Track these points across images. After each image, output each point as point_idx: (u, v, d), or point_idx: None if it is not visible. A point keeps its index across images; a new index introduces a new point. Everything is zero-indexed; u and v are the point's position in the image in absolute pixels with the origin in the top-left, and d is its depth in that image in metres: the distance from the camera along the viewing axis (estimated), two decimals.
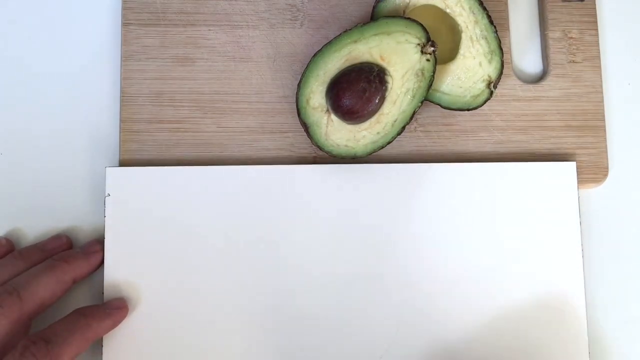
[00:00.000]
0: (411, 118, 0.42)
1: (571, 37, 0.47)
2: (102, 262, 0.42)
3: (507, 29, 0.47)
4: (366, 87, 0.40)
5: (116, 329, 0.41)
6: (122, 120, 0.44)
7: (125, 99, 0.44)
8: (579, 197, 0.45)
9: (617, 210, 0.47)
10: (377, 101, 0.41)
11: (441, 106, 0.44)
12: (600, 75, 0.47)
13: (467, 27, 0.43)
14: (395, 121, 0.42)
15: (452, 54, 0.43)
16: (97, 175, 0.45)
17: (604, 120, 0.46)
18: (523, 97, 0.46)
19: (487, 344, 0.43)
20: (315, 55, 0.42)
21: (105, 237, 0.42)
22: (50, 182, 0.44)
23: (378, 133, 0.42)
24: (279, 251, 0.43)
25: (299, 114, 0.42)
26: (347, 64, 0.41)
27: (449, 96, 0.44)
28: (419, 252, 0.43)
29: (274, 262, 0.43)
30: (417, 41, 0.41)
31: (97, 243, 0.43)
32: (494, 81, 0.43)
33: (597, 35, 0.47)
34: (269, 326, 0.42)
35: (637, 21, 0.49)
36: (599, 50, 0.47)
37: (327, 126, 0.42)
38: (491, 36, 0.43)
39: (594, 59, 0.47)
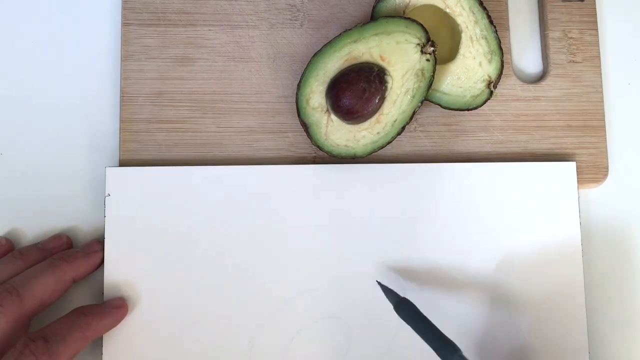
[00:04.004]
0: (411, 118, 0.42)
1: (571, 37, 0.47)
2: (102, 262, 0.42)
3: (507, 29, 0.47)
4: (366, 87, 0.40)
5: (116, 328, 0.41)
6: (122, 120, 0.44)
7: (125, 99, 0.44)
8: (579, 197, 0.45)
9: (617, 210, 0.47)
10: (377, 101, 0.41)
11: (441, 106, 0.44)
12: (600, 75, 0.47)
13: (467, 27, 0.43)
14: (395, 121, 0.42)
15: (452, 54, 0.44)
16: (97, 175, 0.45)
17: (604, 120, 0.46)
18: (523, 97, 0.46)
19: (487, 346, 0.43)
20: (315, 55, 0.42)
21: (105, 237, 0.42)
22: (50, 182, 0.44)
23: (378, 133, 0.42)
24: (279, 251, 0.43)
25: (299, 114, 0.42)
26: (347, 64, 0.41)
27: (449, 96, 0.44)
28: (419, 251, 0.43)
29: (273, 262, 0.43)
30: (417, 41, 0.41)
31: (97, 243, 0.43)
32: (494, 81, 0.43)
33: (597, 35, 0.47)
34: (270, 326, 0.42)
35: (637, 21, 0.49)
36: (599, 50, 0.47)
37: (327, 126, 0.42)
38: (491, 36, 0.43)
39: (594, 59, 0.47)
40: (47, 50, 0.46)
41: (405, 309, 0.40)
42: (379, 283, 0.42)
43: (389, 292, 0.41)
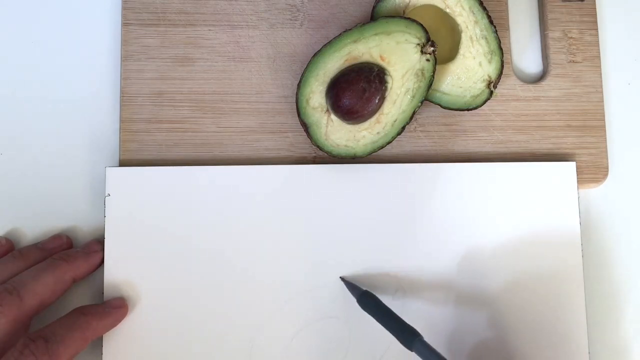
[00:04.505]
0: (411, 118, 0.42)
1: (571, 37, 0.47)
2: (102, 262, 0.42)
3: (507, 29, 0.47)
4: (366, 87, 0.40)
5: (116, 328, 0.41)
6: (122, 120, 0.44)
7: (125, 99, 0.44)
8: (579, 197, 0.45)
9: (617, 210, 0.47)
10: (376, 101, 0.41)
11: (441, 106, 0.44)
12: (600, 75, 0.47)
13: (467, 27, 0.43)
14: (395, 121, 0.42)
15: (452, 54, 0.44)
16: (97, 175, 0.45)
17: (604, 120, 0.46)
18: (523, 97, 0.46)
19: (487, 345, 0.43)
20: (315, 55, 0.42)
21: (105, 237, 0.42)
22: (50, 182, 0.44)
23: (378, 133, 0.42)
24: (279, 250, 0.43)
25: (299, 114, 0.42)
26: (347, 64, 0.41)
27: (449, 96, 0.44)
28: (420, 251, 0.43)
29: (273, 262, 0.43)
30: (417, 41, 0.41)
31: (97, 243, 0.43)
32: (494, 81, 0.43)
33: (597, 35, 0.47)
34: (270, 326, 0.42)
35: (637, 21, 0.49)
36: (599, 50, 0.47)
37: (327, 126, 0.42)
38: (491, 36, 0.43)
39: (594, 59, 0.47)
40: (47, 50, 0.46)
41: (367, 301, 0.41)
42: (342, 279, 0.42)
43: (351, 287, 0.42)
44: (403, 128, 0.42)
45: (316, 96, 0.42)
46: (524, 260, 0.44)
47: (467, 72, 0.43)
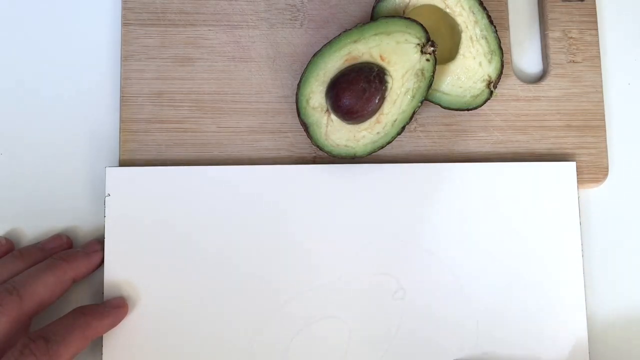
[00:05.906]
0: (411, 118, 0.42)
1: (571, 37, 0.47)
2: (102, 262, 0.42)
3: (507, 29, 0.47)
4: (366, 87, 0.40)
5: (116, 328, 0.41)
6: (122, 120, 0.44)
7: (125, 99, 0.44)
8: (579, 197, 0.45)
9: (617, 210, 0.47)
10: (376, 101, 0.41)
11: (441, 106, 0.44)
12: (600, 75, 0.47)
13: (467, 27, 0.43)
14: (395, 121, 0.42)
15: (452, 54, 0.44)
16: (97, 175, 0.45)
17: (604, 120, 0.46)
18: (523, 97, 0.46)
19: (487, 344, 0.43)
20: (315, 55, 0.42)
21: (105, 237, 0.42)
22: (50, 182, 0.44)
23: (378, 133, 0.42)
24: (279, 251, 0.43)
25: (299, 114, 0.42)
26: (347, 64, 0.41)
27: (449, 96, 0.44)
28: (419, 251, 0.43)
29: (273, 262, 0.43)
30: (417, 41, 0.41)
31: (97, 243, 0.43)
32: (494, 81, 0.43)
33: (597, 35, 0.47)
34: (270, 326, 0.42)
35: (637, 21, 0.49)
36: (599, 50, 0.47)
37: (327, 126, 0.42)
38: (491, 36, 0.43)
39: (594, 59, 0.47)
40: (47, 51, 0.46)
41: None
42: None
43: None
44: (403, 128, 0.42)
45: (316, 96, 0.42)
46: (524, 260, 0.44)
47: (467, 72, 0.43)
